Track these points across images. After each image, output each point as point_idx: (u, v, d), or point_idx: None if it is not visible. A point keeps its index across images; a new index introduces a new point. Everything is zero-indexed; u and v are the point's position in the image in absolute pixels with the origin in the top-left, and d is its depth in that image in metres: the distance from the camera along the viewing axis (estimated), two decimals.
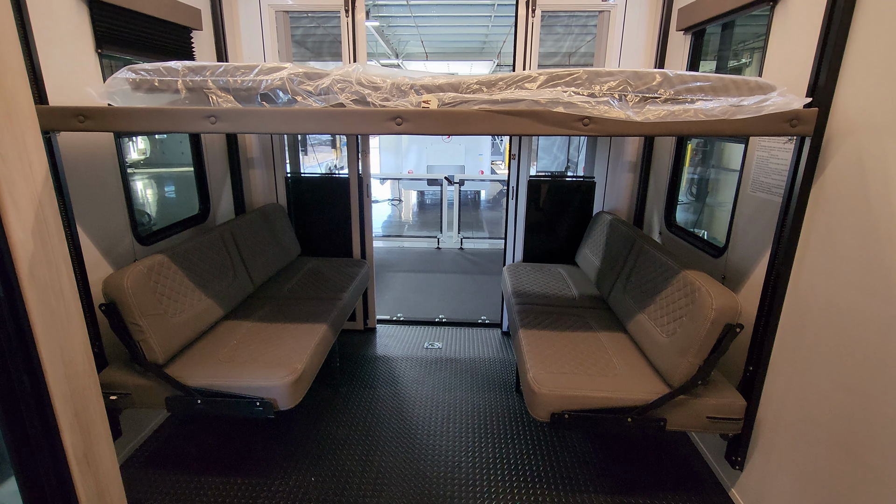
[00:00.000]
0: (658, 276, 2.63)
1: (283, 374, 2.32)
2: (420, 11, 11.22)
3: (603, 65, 3.77)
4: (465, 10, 11.37)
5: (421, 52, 17.05)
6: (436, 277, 6.06)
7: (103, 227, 2.52)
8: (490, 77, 1.94)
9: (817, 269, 1.97)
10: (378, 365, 3.80)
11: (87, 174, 2.43)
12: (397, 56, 17.30)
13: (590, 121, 1.86)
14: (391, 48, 15.94)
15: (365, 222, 4.20)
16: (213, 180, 3.55)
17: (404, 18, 12.24)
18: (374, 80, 1.95)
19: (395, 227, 10.28)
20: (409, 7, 10.80)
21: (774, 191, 2.26)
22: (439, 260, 6.90)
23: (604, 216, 3.78)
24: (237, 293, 3.07)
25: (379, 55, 17.23)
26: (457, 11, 11.51)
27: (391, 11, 11.58)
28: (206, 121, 1.91)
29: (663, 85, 1.87)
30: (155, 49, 2.83)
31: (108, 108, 1.95)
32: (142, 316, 2.25)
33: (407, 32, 14.15)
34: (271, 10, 3.72)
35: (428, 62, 18.49)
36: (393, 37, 14.90)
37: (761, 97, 1.83)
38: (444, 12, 11.21)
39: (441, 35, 14.32)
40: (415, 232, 9.18)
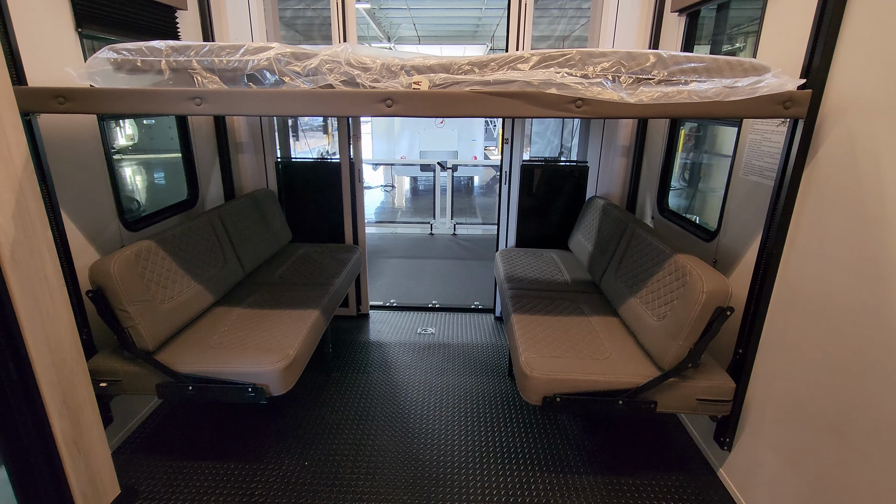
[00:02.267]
0: (650, 261, 2.63)
1: (275, 360, 2.31)
2: None
3: (598, 41, 3.73)
4: None
5: (413, 35, 16.79)
6: (429, 263, 6.05)
7: (89, 213, 2.48)
8: (482, 58, 1.90)
9: (807, 253, 1.97)
10: (371, 350, 3.80)
11: (71, 158, 2.37)
12: (389, 39, 17.03)
13: (583, 102, 1.84)
14: (383, 31, 15.69)
15: (357, 208, 4.16)
16: (201, 165, 3.49)
17: (396, 1, 12.02)
18: (363, 60, 1.90)
19: (389, 213, 10.23)
20: None
21: (766, 174, 2.26)
22: (432, 246, 6.88)
23: (596, 201, 3.77)
24: (228, 279, 3.04)
25: (371, 38, 16.95)
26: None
27: None
28: (191, 102, 1.86)
29: (657, 66, 1.85)
30: (138, 29, 2.75)
31: (90, 90, 1.89)
32: (130, 302, 2.22)
33: (399, 15, 13.90)
34: None
35: (420, 45, 18.24)
36: (385, 20, 14.65)
37: (755, 78, 1.81)
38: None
39: (434, 18, 14.09)
40: (408, 218, 9.14)
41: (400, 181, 13.67)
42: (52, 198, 2.17)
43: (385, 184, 13.63)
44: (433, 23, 15.00)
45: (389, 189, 13.33)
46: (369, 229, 7.71)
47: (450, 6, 12.48)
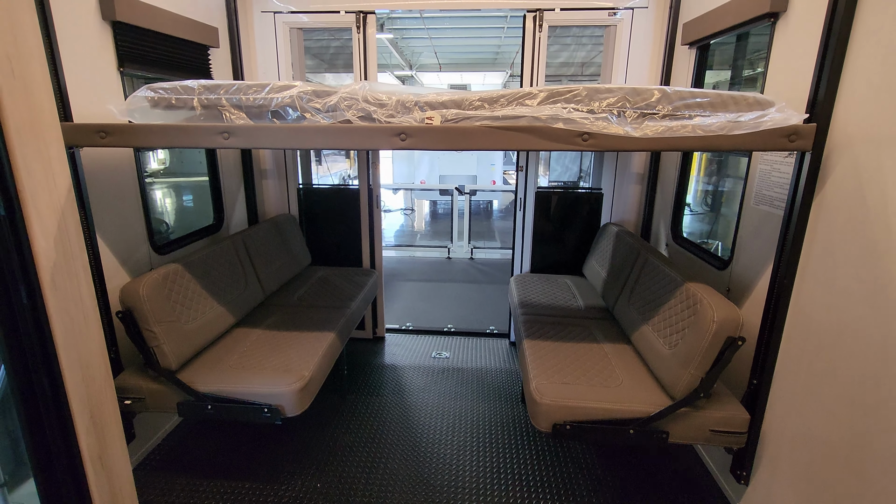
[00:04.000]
0: (661, 288, 2.64)
1: (291, 381, 2.38)
2: (433, 24, 11.38)
3: (610, 77, 3.81)
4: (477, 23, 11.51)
5: (434, 63, 17.24)
6: (445, 287, 6.10)
7: (121, 237, 2.63)
8: (492, 94, 1.99)
9: (819, 283, 1.97)
10: (385, 373, 3.84)
11: (108, 187, 2.54)
12: (411, 67, 17.50)
13: (589, 136, 1.90)
14: (405, 60, 16.14)
15: (374, 232, 4.27)
16: (227, 191, 3.66)
17: (418, 31, 12.41)
18: (379, 97, 2.02)
19: (408, 236, 10.37)
20: (423, 20, 10.97)
21: (777, 204, 2.27)
22: (449, 270, 6.95)
23: (610, 228, 3.79)
24: (248, 301, 3.15)
25: (393, 66, 17.45)
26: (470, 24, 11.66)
27: (405, 24, 11.75)
28: (220, 136, 1.99)
29: (662, 101, 1.91)
30: (174, 66, 2.95)
31: (128, 125, 2.05)
32: (156, 323, 2.33)
33: (420, 44, 14.32)
34: (286, 27, 3.84)
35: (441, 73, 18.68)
36: (407, 49, 15.09)
37: (759, 113, 1.85)
38: (457, 24, 11.36)
39: (454, 47, 14.46)
40: (426, 242, 9.24)
41: (420, 205, 13.89)
42: (89, 224, 2.32)
43: (405, 207, 13.85)
44: (454, 51, 15.38)
45: (409, 212, 13.54)
46: (388, 252, 7.84)
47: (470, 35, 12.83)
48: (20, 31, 1.74)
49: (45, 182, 1.88)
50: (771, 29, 2.33)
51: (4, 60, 1.67)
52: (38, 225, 1.84)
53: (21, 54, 1.74)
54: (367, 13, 3.77)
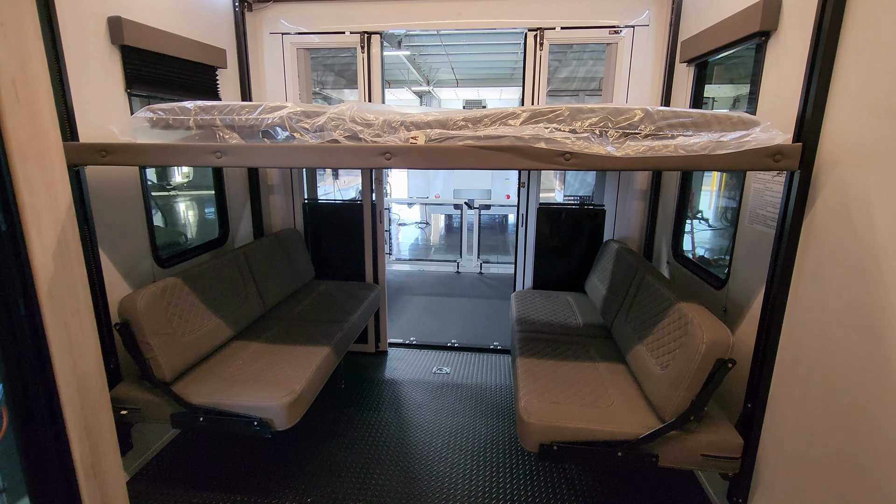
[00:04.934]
0: (656, 308, 2.61)
1: (281, 395, 2.41)
2: (450, 41, 11.56)
3: (612, 95, 3.82)
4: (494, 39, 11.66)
5: (452, 79, 17.45)
6: (452, 302, 6.11)
7: (124, 251, 2.72)
8: (476, 114, 2.02)
9: (810, 304, 1.92)
10: (385, 388, 3.85)
11: (113, 202, 2.64)
12: (428, 83, 17.73)
13: (571, 155, 1.91)
14: (422, 76, 16.38)
15: (378, 247, 4.32)
16: (233, 206, 3.76)
17: (435, 48, 12.61)
18: (367, 117, 2.07)
19: (422, 250, 10.43)
20: (440, 36, 11.16)
21: (770, 223, 2.24)
22: (458, 284, 6.95)
23: (612, 245, 3.76)
24: (248, 314, 3.21)
25: (410, 82, 17.73)
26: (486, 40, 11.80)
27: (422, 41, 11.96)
28: (213, 155, 2.07)
29: (644, 121, 1.91)
30: (181, 87, 3.07)
31: (128, 144, 2.14)
32: (153, 335, 2.40)
33: (438, 61, 14.53)
34: (293, 47, 3.97)
35: (458, 89, 18.89)
36: (424, 65, 15.33)
37: (743, 132, 1.84)
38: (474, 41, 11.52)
39: (471, 63, 14.62)
40: (435, 256, 9.27)
41: (435, 219, 13.98)
42: (92, 238, 2.42)
43: (420, 221, 13.96)
44: (471, 67, 15.55)
45: (424, 226, 13.63)
46: (398, 266, 7.89)
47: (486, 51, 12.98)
48: (27, 58, 1.85)
49: (47, 199, 1.97)
50: (762, 47, 2.32)
51: (10, 86, 1.77)
52: (37, 240, 1.92)
53: (27, 80, 1.85)
54: (372, 33, 3.87)
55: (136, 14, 2.71)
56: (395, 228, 13.20)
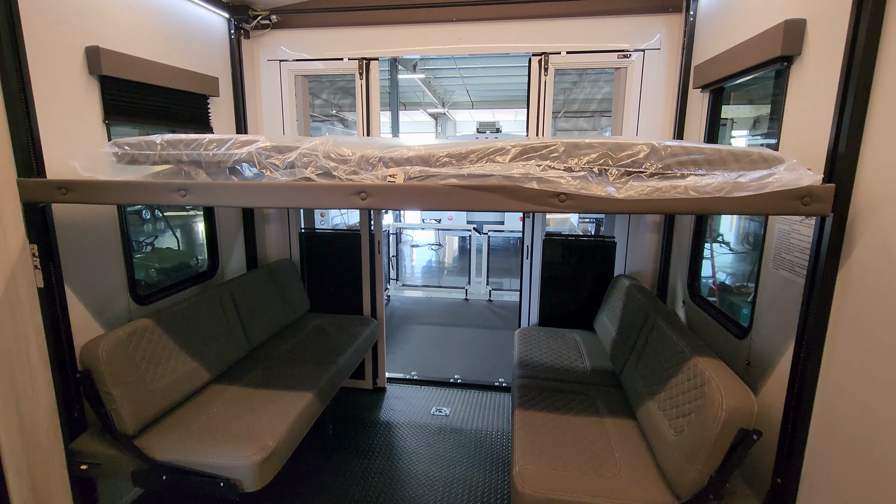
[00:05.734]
0: (668, 360, 2.34)
1: (251, 452, 2.19)
2: (465, 63, 11.54)
3: (621, 120, 3.60)
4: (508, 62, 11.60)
5: (467, 101, 17.48)
6: (458, 332, 5.85)
7: (98, 290, 2.56)
8: (461, 149, 1.83)
9: (848, 366, 1.65)
10: (377, 432, 3.60)
11: (86, 238, 2.50)
12: (444, 105, 17.80)
13: (566, 197, 1.69)
14: (438, 98, 16.43)
15: (376, 280, 4.12)
16: (224, 236, 3.62)
17: (449, 70, 12.61)
18: (342, 152, 1.89)
19: (435, 272, 10.22)
20: (454, 59, 11.14)
21: (797, 270, 1.97)
22: (465, 313, 6.70)
23: (622, 281, 3.50)
24: (230, 354, 3.02)
25: (426, 105, 17.81)
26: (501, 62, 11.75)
27: (437, 64, 11.96)
28: (177, 194, 1.91)
29: (650, 157, 1.69)
30: (167, 117, 2.96)
31: (88, 182, 1.99)
32: (114, 384, 2.22)
33: (453, 83, 14.55)
34: (291, 74, 3.87)
35: (473, 111, 18.90)
36: (439, 87, 15.37)
37: (764, 172, 1.60)
38: (489, 63, 11.47)
39: (486, 85, 14.59)
40: (445, 282, 9.03)
41: (449, 240, 13.81)
42: (57, 279, 2.26)
43: (434, 243, 13.80)
44: (485, 89, 15.53)
45: (437, 248, 13.46)
46: (405, 292, 7.68)
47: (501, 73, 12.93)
48: None
49: None
50: (785, 74, 2.08)
51: None
52: None
53: None
54: (370, 59, 3.75)
55: (121, 44, 2.61)
56: (408, 250, 13.06)
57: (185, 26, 3.14)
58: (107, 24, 2.54)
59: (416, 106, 18.19)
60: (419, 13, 3.56)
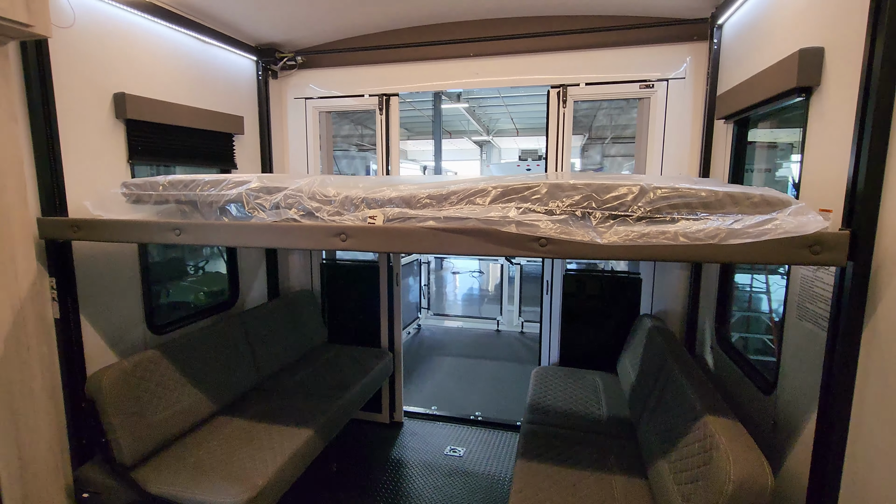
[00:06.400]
0: (682, 415, 2.13)
1: (238, 492, 2.17)
2: (509, 92, 11.60)
3: (645, 151, 3.44)
4: None
5: (511, 128, 17.54)
6: (485, 365, 5.70)
7: (114, 320, 2.67)
8: (441, 191, 1.78)
9: (877, 441, 1.42)
10: (386, 471, 3.50)
11: (105, 270, 2.63)
12: (488, 133, 17.95)
13: (547, 241, 1.60)
14: (482, 126, 16.59)
15: (394, 312, 4.09)
16: (246, 266, 3.73)
17: (493, 99, 12.72)
18: (327, 192, 1.89)
19: (475, 299, 10.10)
20: (498, 89, 11.24)
21: (821, 323, 1.75)
22: (494, 345, 6.53)
23: (645, 321, 3.28)
24: (238, 385, 3.06)
25: (470, 133, 18.03)
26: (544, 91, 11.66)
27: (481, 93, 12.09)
28: (172, 233, 1.97)
29: (638, 199, 1.57)
30: (191, 155, 3.13)
31: (96, 220, 2.11)
32: (115, 414, 2.28)
33: (497, 111, 14.65)
34: (316, 111, 4.00)
35: (518, 138, 18.91)
36: (484, 116, 15.53)
37: (763, 217, 1.44)
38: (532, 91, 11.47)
39: (530, 112, 14.58)
40: (478, 311, 8.87)
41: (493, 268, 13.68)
42: (73, 311, 2.38)
43: (474, 270, 13.72)
44: (530, 116, 15.52)
45: (478, 275, 13.36)
46: (436, 322, 7.60)
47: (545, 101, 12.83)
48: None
49: (4, 279, 1.93)
50: (805, 106, 1.91)
51: None
52: None
53: None
54: (390, 95, 3.82)
55: (149, 88, 2.80)
56: (449, 277, 13.03)
57: (214, 69, 3.34)
58: (135, 71, 2.73)
59: (461, 134, 18.43)
60: (436, 50, 3.61)
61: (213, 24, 3.21)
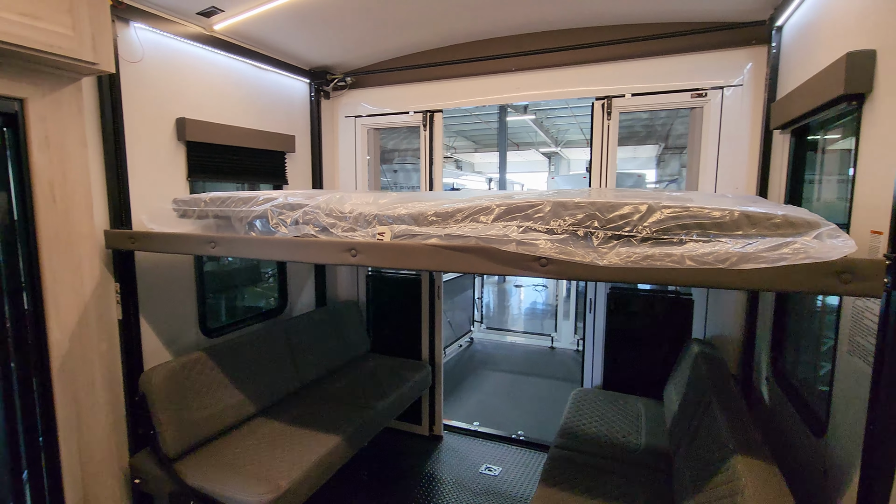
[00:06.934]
0: (716, 452, 1.95)
1: (262, 492, 2.29)
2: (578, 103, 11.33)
3: (698, 163, 3.22)
4: None
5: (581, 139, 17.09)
6: (534, 383, 5.55)
7: (170, 323, 2.94)
8: (447, 208, 1.79)
9: None
10: (418, 485, 3.51)
11: (165, 277, 2.90)
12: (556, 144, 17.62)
13: (548, 261, 1.55)
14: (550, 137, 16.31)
15: (435, 325, 4.13)
16: (295, 275, 3.95)
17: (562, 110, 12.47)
18: (343, 209, 1.97)
19: (539, 314, 9.92)
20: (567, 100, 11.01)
21: (870, 359, 1.53)
22: (547, 363, 6.35)
23: (693, 346, 3.04)
24: (278, 389, 3.23)
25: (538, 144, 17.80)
26: None
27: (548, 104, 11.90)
28: (208, 245, 2.15)
29: (645, 219, 1.48)
30: (245, 172, 3.38)
31: (146, 233, 2.35)
32: (162, 410, 2.50)
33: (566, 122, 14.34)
34: (364, 128, 4.18)
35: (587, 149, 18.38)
36: (552, 127, 15.27)
37: (784, 240, 1.30)
38: None
39: None
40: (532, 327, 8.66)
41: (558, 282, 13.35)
42: (135, 313, 2.65)
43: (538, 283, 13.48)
44: None
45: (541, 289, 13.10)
46: (489, 335, 7.53)
47: None
48: (68, 165, 2.14)
49: (72, 284, 2.19)
50: (857, 114, 1.70)
51: (47, 188, 2.05)
52: (54, 321, 2.14)
53: (66, 182, 2.13)
54: (434, 112, 3.90)
55: (208, 111, 3.08)
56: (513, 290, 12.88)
57: (269, 92, 3.60)
58: (196, 97, 3.02)
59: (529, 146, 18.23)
60: (478, 66, 3.63)
61: (268, 51, 3.47)
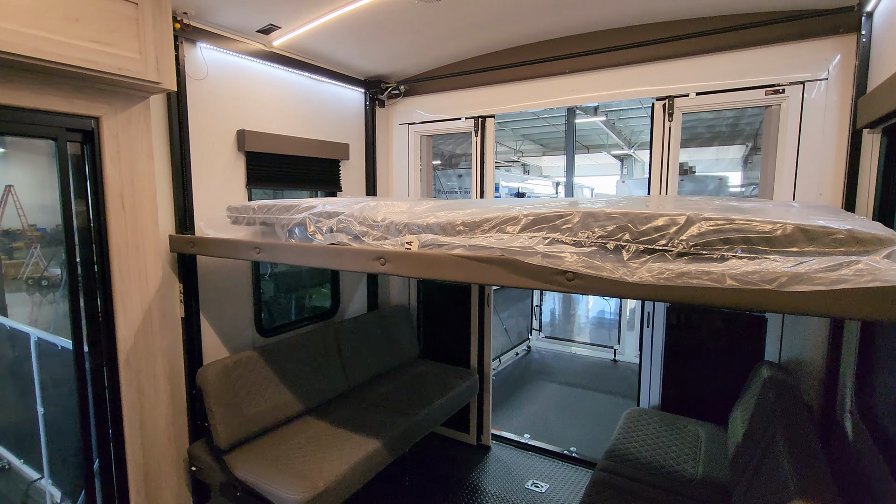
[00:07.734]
0: (777, 492, 1.73)
1: (301, 490, 2.36)
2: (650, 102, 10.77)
3: (773, 165, 2.91)
4: None
5: None
6: (592, 398, 5.31)
7: (229, 323, 3.13)
8: (475, 218, 1.74)
9: None
10: (459, 494, 3.46)
11: (225, 280, 3.10)
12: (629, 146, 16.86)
13: (574, 275, 1.46)
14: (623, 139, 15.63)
15: (484, 333, 4.07)
16: (347, 279, 4.06)
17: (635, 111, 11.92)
18: (375, 218, 1.99)
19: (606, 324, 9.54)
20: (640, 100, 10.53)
21: None
22: (607, 376, 6.06)
23: (762, 370, 2.74)
24: (326, 390, 3.33)
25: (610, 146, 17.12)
26: None
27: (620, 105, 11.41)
28: (253, 251, 2.26)
29: (682, 232, 1.34)
30: (300, 180, 3.54)
31: (202, 238, 2.51)
32: (216, 404, 2.66)
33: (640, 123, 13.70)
34: (417, 135, 4.22)
35: None
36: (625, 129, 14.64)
37: (846, 259, 1.12)
38: None
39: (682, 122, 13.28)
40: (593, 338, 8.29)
41: None
42: (194, 313, 2.85)
43: None
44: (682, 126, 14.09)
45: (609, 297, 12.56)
46: (548, 344, 7.32)
47: None
48: (137, 175, 2.35)
49: (139, 284, 2.40)
50: None
51: (117, 198, 2.26)
52: (122, 318, 2.35)
53: (134, 192, 2.33)
54: (486, 117, 3.86)
55: (267, 123, 3.26)
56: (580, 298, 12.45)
57: (325, 102, 3.75)
58: (255, 109, 3.20)
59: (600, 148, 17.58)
60: (530, 69, 3.55)
61: (324, 63, 3.61)
